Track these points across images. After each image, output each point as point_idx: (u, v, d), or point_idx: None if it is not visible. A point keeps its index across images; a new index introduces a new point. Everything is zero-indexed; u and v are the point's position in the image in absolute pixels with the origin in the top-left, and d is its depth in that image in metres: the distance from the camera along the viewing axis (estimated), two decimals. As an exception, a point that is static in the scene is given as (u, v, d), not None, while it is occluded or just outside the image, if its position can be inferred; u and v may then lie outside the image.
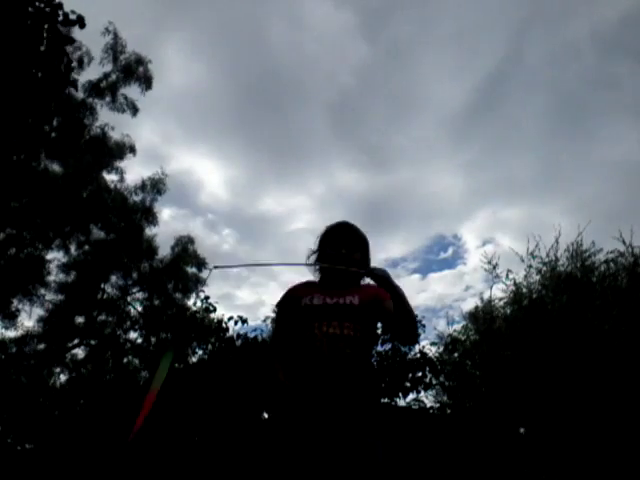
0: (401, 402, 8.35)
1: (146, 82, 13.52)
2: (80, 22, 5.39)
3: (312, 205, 36.00)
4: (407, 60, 38.22)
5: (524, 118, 34.12)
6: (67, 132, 12.15)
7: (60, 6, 5.23)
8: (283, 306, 2.20)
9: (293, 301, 2.14)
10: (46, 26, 5.17)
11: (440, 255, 35.00)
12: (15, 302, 13.13)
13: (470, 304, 17.50)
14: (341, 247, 2.17)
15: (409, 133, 36.64)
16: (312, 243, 2.40)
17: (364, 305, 2.07)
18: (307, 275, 2.36)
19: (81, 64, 10.87)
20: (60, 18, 5.24)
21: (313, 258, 2.31)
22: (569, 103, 35.08)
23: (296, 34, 35.59)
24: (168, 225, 27.81)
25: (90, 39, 12.55)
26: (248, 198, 34.49)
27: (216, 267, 2.23)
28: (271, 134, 36.39)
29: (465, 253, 33.20)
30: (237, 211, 34.02)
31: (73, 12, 5.40)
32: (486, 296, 9.87)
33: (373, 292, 2.16)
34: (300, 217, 35.02)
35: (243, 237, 35.28)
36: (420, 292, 31.86)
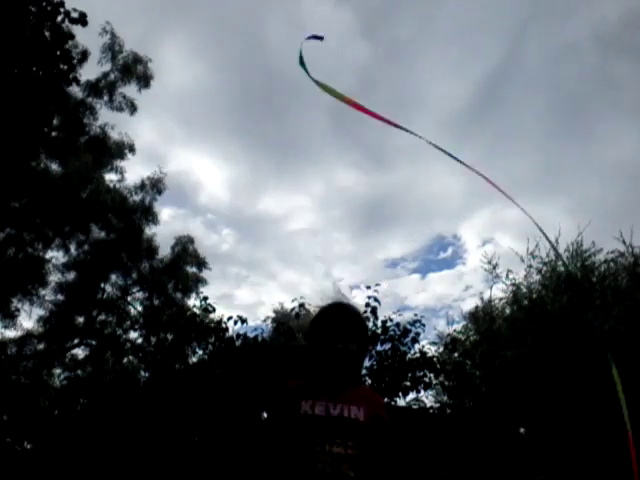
0: (401, 402, 8.35)
1: (145, 81, 13.52)
2: (82, 20, 5.38)
3: (312, 205, 36.01)
4: (407, 60, 38.23)
5: (524, 118, 34.11)
6: (67, 132, 12.15)
7: (62, 4, 5.23)
8: (277, 409, 1.95)
9: (289, 404, 1.89)
10: (48, 24, 5.17)
11: (440, 255, 35.03)
12: (15, 302, 13.14)
13: (470, 304, 17.51)
14: (336, 340, 1.93)
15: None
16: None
17: (369, 422, 1.88)
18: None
19: (82, 59, 10.85)
20: (61, 16, 5.24)
21: (306, 347, 2.07)
22: (569, 103, 35.06)
23: (295, 33, 35.57)
24: (168, 225, 27.83)
25: (89, 38, 12.55)
26: (248, 198, 34.52)
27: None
28: (270, 134, 36.39)
29: (465, 253, 33.23)
30: (237, 211, 34.07)
31: (75, 10, 5.39)
32: (486, 296, 9.89)
33: (377, 409, 1.98)
34: (300, 217, 35.05)
35: (243, 237, 35.33)
36: (420, 292, 31.89)
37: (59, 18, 5.13)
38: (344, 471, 1.75)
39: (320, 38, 2.84)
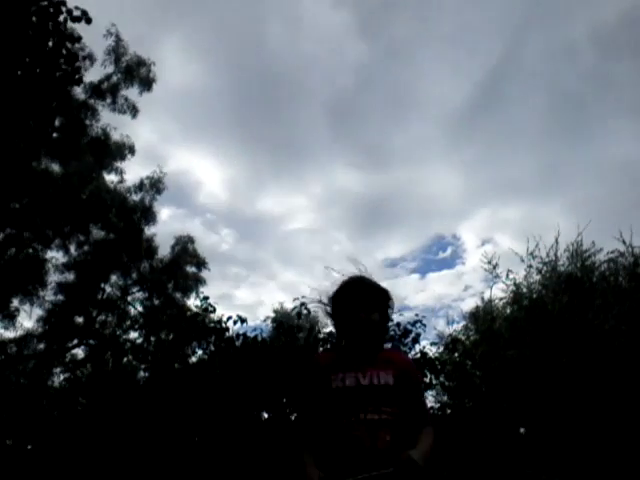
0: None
1: (147, 84, 13.55)
2: (85, 18, 5.35)
3: (311, 205, 36.03)
4: (406, 59, 38.28)
5: (523, 117, 34.18)
6: (68, 133, 12.17)
7: (63, 3, 5.20)
8: (310, 384, 2.03)
9: (321, 379, 1.97)
10: (50, 24, 5.15)
11: (439, 255, 35.09)
12: (15, 302, 13.15)
13: (469, 304, 17.54)
14: (359, 310, 2.02)
15: (408, 132, 36.67)
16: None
17: (399, 383, 1.96)
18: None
19: (91, 59, 10.82)
20: (64, 15, 5.21)
21: (330, 324, 2.19)
22: (568, 102, 35.11)
23: (294, 33, 35.64)
24: (167, 225, 27.84)
25: (89, 40, 12.55)
26: (247, 198, 34.56)
27: None
28: (269, 134, 36.42)
29: (464, 253, 33.30)
30: (236, 211, 34.11)
31: (77, 8, 5.36)
32: (486, 296, 9.89)
33: (404, 366, 2.05)
34: (299, 217, 35.07)
35: (242, 237, 35.32)
36: (419, 292, 31.91)
37: (61, 17, 5.10)
38: (381, 436, 1.83)
39: None
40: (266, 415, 8.49)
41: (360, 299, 2.04)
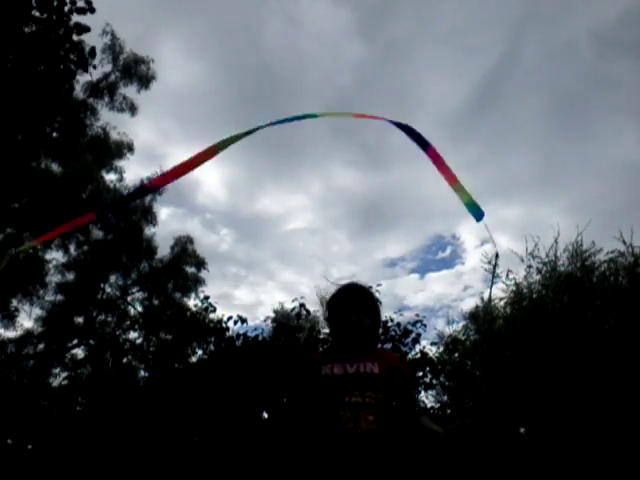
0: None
1: (146, 81, 13.55)
2: (89, 8, 5.31)
3: (310, 204, 35.98)
4: (405, 59, 38.25)
5: (523, 117, 34.18)
6: (68, 132, 12.17)
7: None
8: (301, 375, 2.20)
9: (312, 370, 2.14)
10: (54, 17, 5.13)
11: (438, 255, 35.02)
12: (15, 302, 13.14)
13: (469, 304, 17.50)
14: (352, 314, 2.18)
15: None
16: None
17: (385, 374, 2.09)
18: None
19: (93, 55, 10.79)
20: (68, 7, 5.18)
21: (326, 326, 2.35)
22: (568, 102, 35.11)
23: (293, 33, 35.63)
24: (165, 224, 27.72)
25: (86, 38, 12.53)
26: (246, 197, 34.51)
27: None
28: (268, 133, 36.29)
29: (463, 253, 33.27)
30: (235, 210, 34.01)
31: None
32: (486, 296, 9.90)
33: (393, 362, 2.21)
34: (298, 216, 34.99)
35: (241, 236, 35.28)
36: (418, 292, 31.85)
37: (66, 9, 5.06)
38: (363, 416, 1.96)
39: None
40: (266, 415, 8.49)
41: (353, 304, 2.20)
